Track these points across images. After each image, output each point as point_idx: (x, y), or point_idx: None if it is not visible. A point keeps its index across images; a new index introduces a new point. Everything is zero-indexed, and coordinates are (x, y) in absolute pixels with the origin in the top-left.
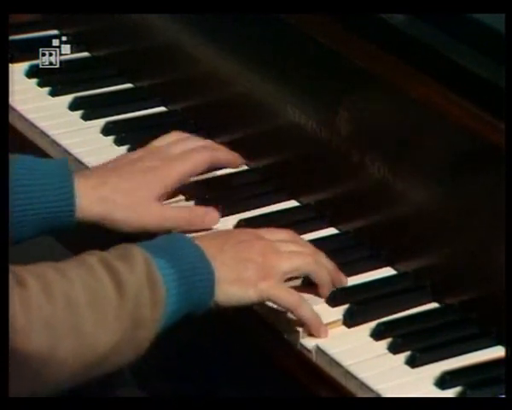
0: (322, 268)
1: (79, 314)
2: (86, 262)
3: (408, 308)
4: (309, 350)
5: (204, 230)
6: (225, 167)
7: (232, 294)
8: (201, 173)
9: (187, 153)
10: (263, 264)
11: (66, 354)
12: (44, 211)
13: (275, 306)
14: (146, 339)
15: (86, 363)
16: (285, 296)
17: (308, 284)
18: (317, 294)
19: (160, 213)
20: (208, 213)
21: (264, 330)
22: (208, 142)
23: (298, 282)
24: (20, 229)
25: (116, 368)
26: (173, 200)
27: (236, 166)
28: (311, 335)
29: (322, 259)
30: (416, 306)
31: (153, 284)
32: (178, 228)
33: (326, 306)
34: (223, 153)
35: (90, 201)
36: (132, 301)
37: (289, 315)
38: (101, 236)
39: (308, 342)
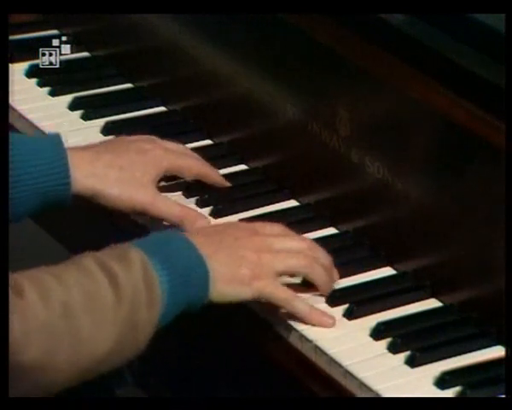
0: (318, 269)
1: (77, 321)
2: (83, 265)
3: (407, 308)
4: (309, 350)
5: None
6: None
7: (227, 292)
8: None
9: (183, 153)
10: (257, 262)
11: (63, 361)
12: (40, 185)
13: (274, 305)
14: (142, 340)
15: (83, 368)
16: (279, 294)
17: (307, 283)
18: (316, 293)
19: (151, 196)
20: (199, 220)
21: (264, 330)
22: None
23: (298, 280)
24: (16, 206)
25: (113, 368)
26: (171, 195)
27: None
28: (312, 332)
29: (318, 253)
30: (415, 306)
31: (149, 286)
32: (166, 220)
33: (326, 306)
34: (214, 172)
35: (84, 175)
36: (129, 303)
37: (289, 314)
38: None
39: (308, 342)
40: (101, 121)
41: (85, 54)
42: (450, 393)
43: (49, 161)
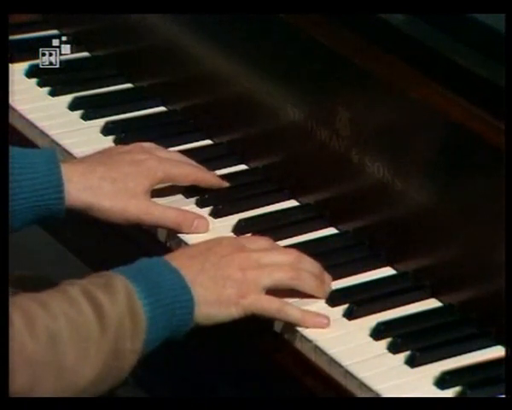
0: (306, 279)
1: (62, 350)
2: (69, 294)
3: (407, 308)
4: (309, 350)
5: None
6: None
7: (213, 315)
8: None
9: (178, 161)
10: (243, 280)
11: (46, 390)
12: (33, 200)
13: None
14: (126, 369)
15: (66, 396)
16: (268, 306)
17: None
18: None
19: (144, 206)
20: (198, 220)
21: (264, 330)
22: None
23: None
24: (10, 220)
25: (97, 395)
26: (171, 197)
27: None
28: (312, 332)
29: (306, 263)
30: (415, 306)
31: (134, 316)
32: (163, 227)
33: (326, 306)
34: (211, 176)
35: (78, 188)
36: (113, 333)
37: None
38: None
39: (307, 342)
40: (101, 121)
41: (85, 54)
42: (450, 393)
43: (43, 175)
